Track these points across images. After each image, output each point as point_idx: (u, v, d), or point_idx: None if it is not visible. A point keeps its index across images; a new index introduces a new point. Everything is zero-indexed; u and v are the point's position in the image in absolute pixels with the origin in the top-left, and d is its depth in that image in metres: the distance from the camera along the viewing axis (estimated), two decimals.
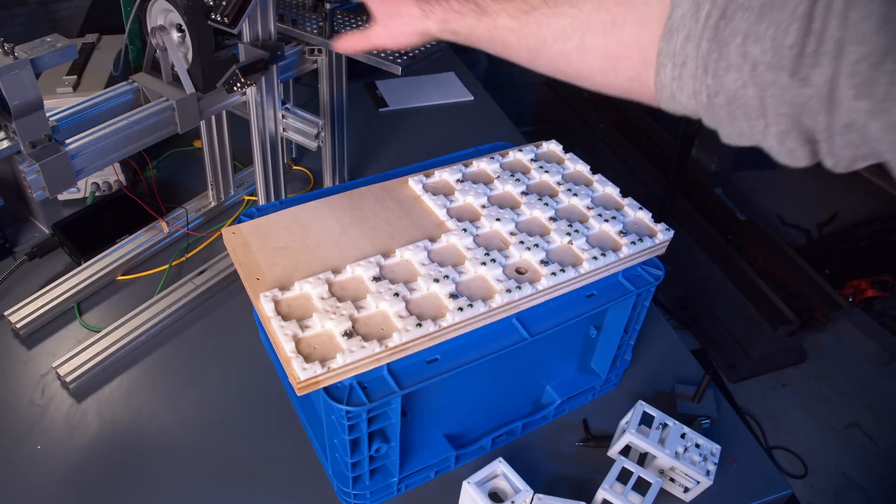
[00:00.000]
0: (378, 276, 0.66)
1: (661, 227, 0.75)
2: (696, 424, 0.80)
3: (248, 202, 1.15)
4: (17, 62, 0.61)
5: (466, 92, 1.55)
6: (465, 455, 0.77)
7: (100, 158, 0.74)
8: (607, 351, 0.81)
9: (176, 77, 0.81)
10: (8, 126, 0.65)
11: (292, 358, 0.58)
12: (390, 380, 0.61)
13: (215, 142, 1.04)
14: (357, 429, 0.61)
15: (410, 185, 0.80)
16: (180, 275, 0.99)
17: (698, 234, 2.03)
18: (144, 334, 0.89)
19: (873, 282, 2.16)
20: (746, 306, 1.88)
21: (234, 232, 0.72)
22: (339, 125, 1.09)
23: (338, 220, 0.74)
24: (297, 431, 0.80)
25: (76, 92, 1.03)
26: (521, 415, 0.80)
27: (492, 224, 0.74)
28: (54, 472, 0.75)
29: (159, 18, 0.81)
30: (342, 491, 0.71)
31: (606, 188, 0.82)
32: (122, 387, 0.84)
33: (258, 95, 0.88)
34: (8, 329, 0.90)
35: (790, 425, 1.90)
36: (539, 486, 0.69)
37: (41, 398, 0.82)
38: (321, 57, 0.99)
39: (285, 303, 0.63)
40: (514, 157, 0.86)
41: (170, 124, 0.80)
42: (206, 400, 0.83)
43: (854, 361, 2.07)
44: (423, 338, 0.61)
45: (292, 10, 1.00)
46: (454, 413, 0.75)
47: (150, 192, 1.13)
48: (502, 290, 0.65)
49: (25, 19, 1.71)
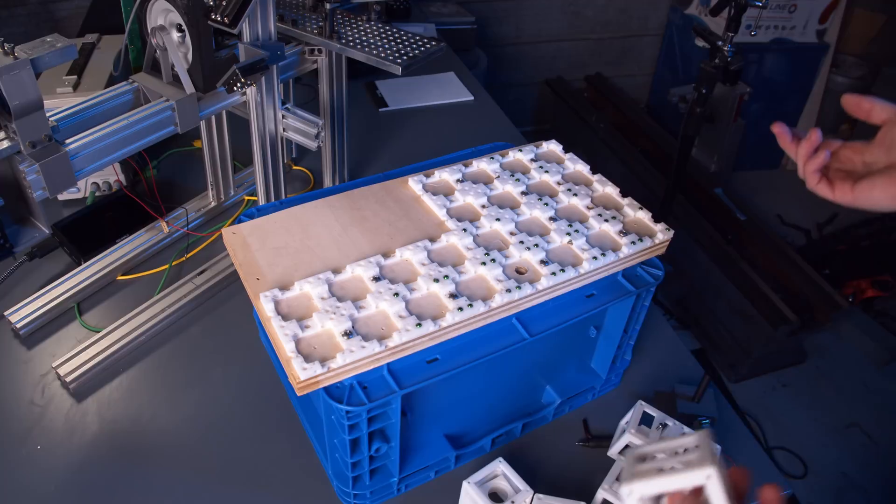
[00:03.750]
0: (378, 276, 0.66)
1: (660, 227, 0.75)
2: (696, 424, 0.80)
3: (248, 202, 1.15)
4: (17, 62, 0.61)
5: (466, 92, 1.55)
6: (465, 455, 0.77)
7: (100, 158, 0.74)
8: (607, 351, 0.81)
9: (176, 77, 0.81)
10: (8, 126, 0.65)
11: (292, 358, 0.58)
12: (390, 380, 0.61)
13: (215, 142, 1.05)
14: (357, 429, 0.61)
15: (410, 185, 0.80)
16: (180, 275, 0.99)
17: (698, 234, 2.03)
18: (144, 334, 0.89)
19: (873, 282, 2.16)
20: (746, 306, 1.88)
21: (234, 232, 0.72)
22: (339, 125, 1.09)
23: (338, 220, 0.74)
24: (297, 431, 0.80)
25: (76, 92, 1.03)
26: (521, 415, 0.80)
27: (492, 224, 0.74)
28: (54, 472, 0.75)
29: (159, 18, 0.81)
30: (342, 491, 0.71)
31: (606, 188, 0.82)
32: (122, 387, 0.84)
33: (258, 95, 0.88)
34: (8, 329, 0.90)
35: (790, 425, 1.90)
36: (539, 486, 0.69)
37: (41, 398, 0.82)
38: (321, 57, 0.99)
39: (285, 303, 0.63)
40: (514, 157, 0.86)
41: (170, 124, 0.81)
42: (206, 400, 0.83)
43: (854, 361, 2.07)
44: (423, 338, 0.61)
45: (292, 10, 1.00)
46: (454, 413, 0.75)
47: (150, 192, 1.13)
48: (502, 289, 0.65)
49: (25, 19, 1.71)
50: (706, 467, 0.41)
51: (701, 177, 2.23)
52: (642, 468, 0.44)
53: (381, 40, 0.95)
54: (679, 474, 0.42)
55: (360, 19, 1.00)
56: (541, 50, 2.62)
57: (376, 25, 0.99)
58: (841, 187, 0.60)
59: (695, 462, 0.42)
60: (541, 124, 2.84)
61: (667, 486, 0.42)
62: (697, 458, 0.43)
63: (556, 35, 2.60)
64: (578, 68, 2.71)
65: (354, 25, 0.98)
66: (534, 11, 2.50)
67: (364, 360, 0.59)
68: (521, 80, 2.67)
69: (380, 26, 0.98)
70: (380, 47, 0.93)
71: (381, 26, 0.98)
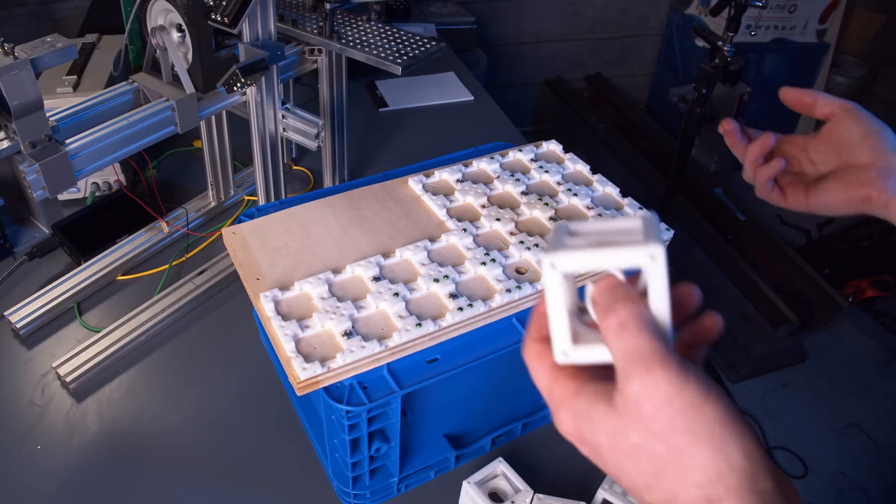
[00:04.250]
0: (378, 276, 0.66)
1: (661, 227, 0.75)
2: None
3: (248, 202, 1.15)
4: (17, 62, 0.61)
5: (466, 92, 1.55)
6: (465, 455, 0.77)
7: (100, 158, 0.74)
8: None
9: (176, 77, 0.81)
10: (8, 126, 0.65)
11: (292, 358, 0.58)
12: (390, 380, 0.61)
13: (215, 142, 1.04)
14: (357, 429, 0.61)
15: (410, 185, 0.80)
16: (180, 275, 0.99)
17: (698, 234, 2.03)
18: (144, 334, 0.89)
19: (873, 282, 2.16)
20: (746, 306, 1.88)
21: (234, 232, 0.72)
22: (339, 125, 1.09)
23: (338, 220, 0.74)
24: (297, 431, 0.80)
25: (76, 92, 1.03)
26: (521, 415, 0.80)
27: (492, 224, 0.74)
28: (54, 472, 0.75)
29: (159, 18, 0.81)
30: (342, 491, 0.71)
31: (606, 188, 0.82)
32: (122, 387, 0.84)
33: (258, 95, 0.88)
34: (8, 329, 0.90)
35: (790, 425, 1.90)
36: (539, 486, 0.69)
37: (41, 398, 0.82)
38: (321, 57, 0.99)
39: (285, 303, 0.63)
40: (513, 157, 0.86)
41: (170, 124, 0.80)
42: (206, 400, 0.83)
43: (854, 361, 2.07)
44: (423, 338, 0.61)
45: (292, 10, 1.00)
46: (454, 413, 0.75)
47: (150, 192, 1.13)
48: (502, 289, 0.65)
49: (25, 19, 1.71)
50: (650, 245, 0.33)
51: (701, 177, 2.23)
52: (571, 241, 0.36)
53: (381, 40, 0.95)
54: (615, 249, 0.33)
55: (360, 19, 1.00)
56: (541, 50, 2.62)
57: (376, 25, 0.99)
58: (794, 194, 0.57)
59: (636, 241, 0.34)
60: (541, 124, 2.84)
61: (597, 262, 0.34)
62: (641, 237, 0.34)
63: (556, 35, 2.60)
64: (578, 68, 2.71)
65: (354, 25, 0.98)
66: (534, 11, 2.50)
67: (364, 360, 0.59)
68: (521, 80, 2.67)
69: (380, 26, 0.98)
70: (380, 47, 0.93)
71: (381, 26, 0.98)
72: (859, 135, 0.54)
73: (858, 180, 0.54)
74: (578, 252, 0.34)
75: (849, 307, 1.88)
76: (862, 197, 0.54)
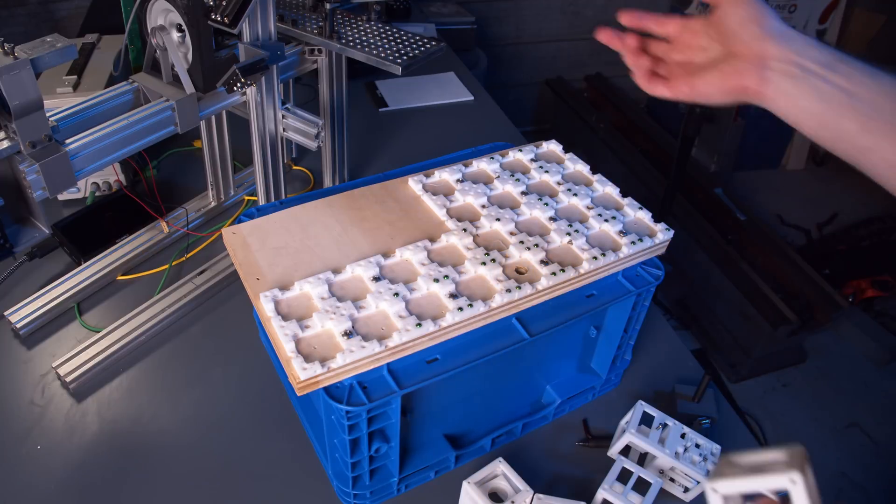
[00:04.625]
0: (378, 276, 0.66)
1: (660, 227, 0.75)
2: (696, 424, 0.80)
3: (248, 202, 1.15)
4: (17, 62, 0.61)
5: (466, 92, 1.55)
6: (465, 455, 0.77)
7: (100, 158, 0.74)
8: (607, 351, 0.81)
9: (176, 77, 0.81)
10: (8, 126, 0.65)
11: (292, 358, 0.58)
12: (390, 380, 0.61)
13: (215, 142, 1.05)
14: (357, 429, 0.61)
15: (410, 185, 0.80)
16: (180, 275, 0.99)
17: (698, 234, 2.03)
18: (144, 334, 0.89)
19: (873, 282, 2.16)
20: (746, 306, 1.88)
21: (234, 232, 0.72)
22: (339, 125, 1.09)
23: (338, 220, 0.74)
24: (297, 431, 0.80)
25: (76, 92, 1.03)
26: (521, 415, 0.80)
27: (492, 224, 0.74)
28: (54, 472, 0.75)
29: (159, 18, 0.81)
30: (342, 491, 0.71)
31: (606, 188, 0.82)
32: (122, 387, 0.84)
33: (258, 95, 0.88)
34: (8, 329, 0.90)
35: (790, 425, 1.90)
36: (539, 486, 0.69)
37: (41, 398, 0.82)
38: (321, 57, 0.99)
39: (285, 303, 0.63)
40: (513, 157, 0.86)
41: (170, 124, 0.80)
42: (206, 400, 0.83)
43: (854, 361, 2.07)
44: (423, 338, 0.61)
45: (292, 10, 1.00)
46: (454, 413, 0.75)
47: (150, 192, 1.13)
48: (502, 289, 0.65)
49: (25, 19, 1.71)
50: (791, 471, 0.41)
51: (701, 177, 2.23)
52: (728, 469, 0.45)
53: (381, 40, 0.95)
54: (762, 475, 0.42)
55: (360, 19, 1.00)
56: (541, 50, 2.62)
57: (376, 25, 0.99)
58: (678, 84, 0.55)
59: (781, 466, 0.42)
60: (541, 124, 2.84)
61: (748, 486, 0.43)
62: (785, 463, 0.42)
63: (556, 35, 2.60)
64: (578, 68, 2.71)
65: (354, 25, 0.98)
66: (534, 11, 2.50)
67: (364, 360, 0.59)
68: (521, 80, 2.67)
69: (380, 26, 0.98)
70: (380, 47, 0.93)
71: (381, 26, 0.98)
72: (738, 21, 0.52)
73: (734, 70, 0.52)
74: (733, 479, 0.44)
75: (849, 307, 1.88)
76: (738, 87, 0.52)
